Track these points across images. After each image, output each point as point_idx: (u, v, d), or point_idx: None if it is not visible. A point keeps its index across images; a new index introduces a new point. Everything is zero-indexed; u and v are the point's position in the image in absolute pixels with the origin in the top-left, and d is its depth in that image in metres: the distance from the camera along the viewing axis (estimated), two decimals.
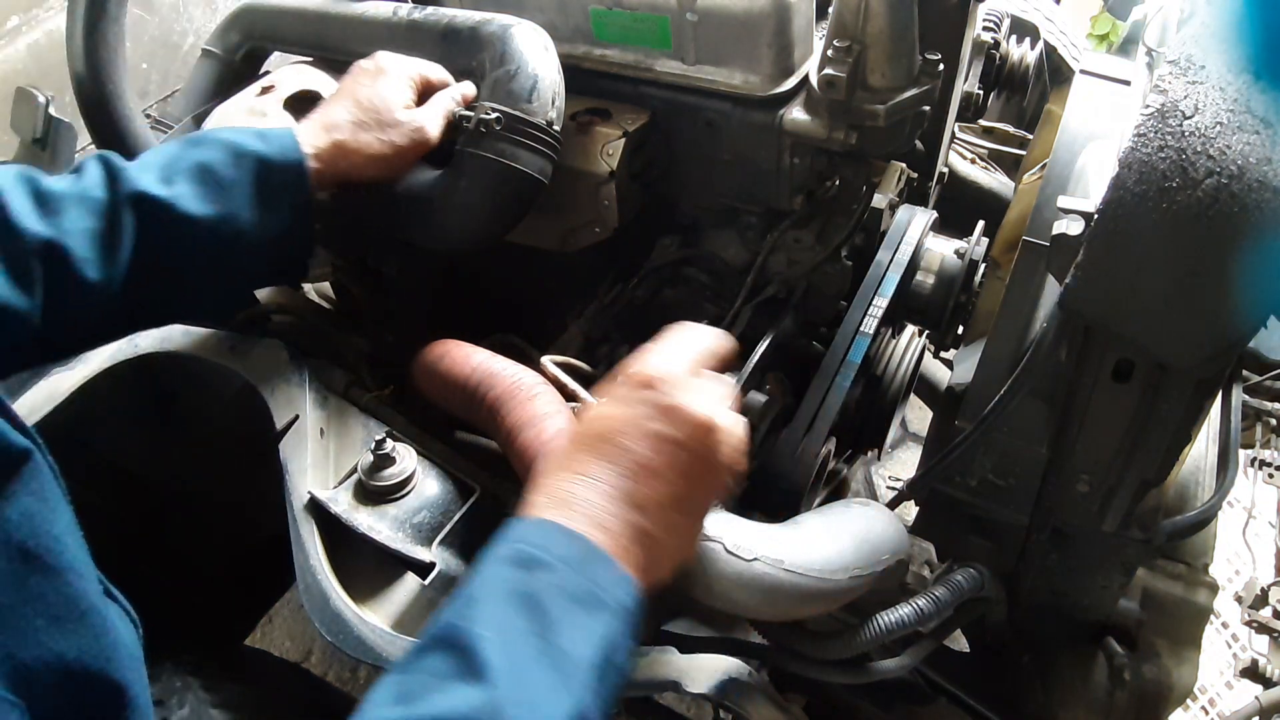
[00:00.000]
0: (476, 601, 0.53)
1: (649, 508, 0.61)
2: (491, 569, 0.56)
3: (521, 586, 0.54)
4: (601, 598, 0.55)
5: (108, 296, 0.78)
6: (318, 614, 0.83)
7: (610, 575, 0.57)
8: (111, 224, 0.79)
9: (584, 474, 0.61)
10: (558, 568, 0.55)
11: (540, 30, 1.02)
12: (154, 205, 0.80)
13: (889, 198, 1.16)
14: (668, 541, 0.62)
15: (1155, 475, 0.78)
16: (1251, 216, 0.57)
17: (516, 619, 0.52)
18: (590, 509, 0.59)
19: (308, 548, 0.86)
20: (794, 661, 0.84)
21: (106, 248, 0.78)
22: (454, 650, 0.50)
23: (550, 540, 0.57)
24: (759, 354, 1.03)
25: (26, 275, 0.74)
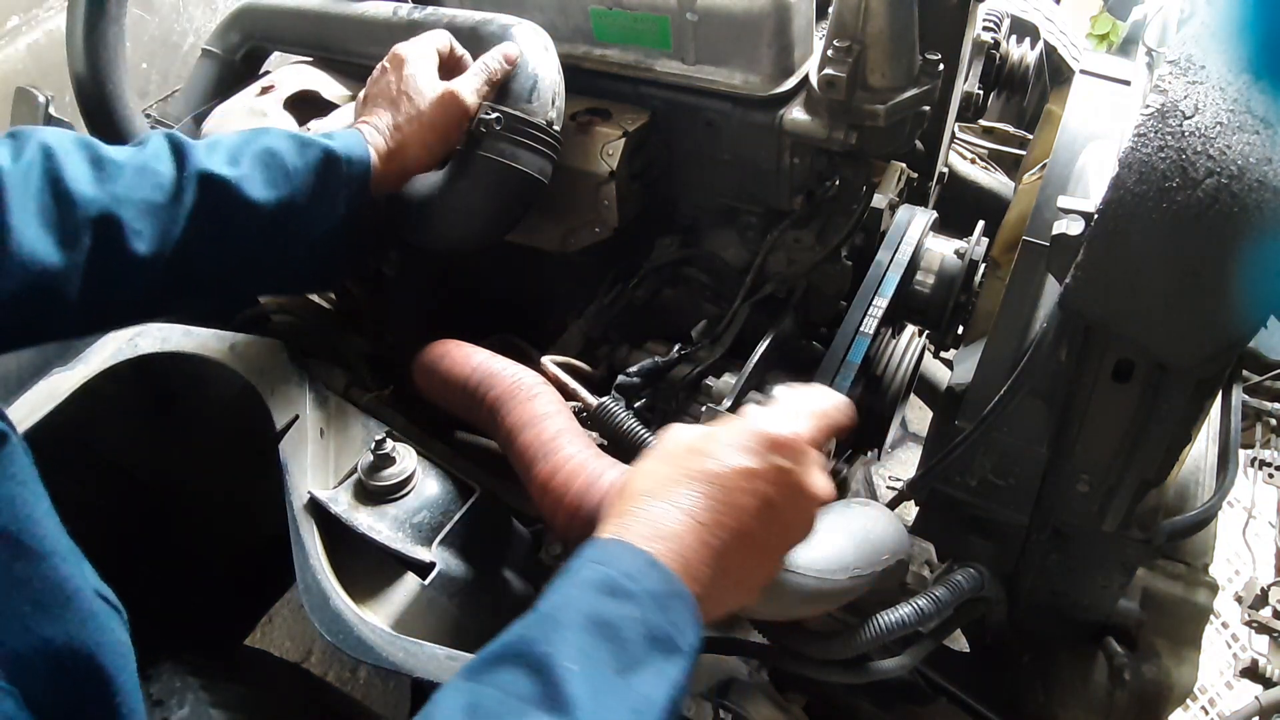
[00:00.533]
0: (560, 625, 0.52)
1: (731, 567, 0.60)
2: (578, 591, 0.54)
3: (605, 615, 0.53)
4: (678, 642, 0.54)
5: (155, 271, 0.78)
6: (318, 614, 0.83)
7: (687, 618, 0.56)
8: (171, 199, 0.78)
9: (685, 509, 0.59)
10: (643, 601, 0.54)
11: (540, 30, 1.02)
12: (219, 185, 0.80)
13: (889, 198, 1.16)
14: (732, 596, 0.62)
15: (1155, 475, 0.78)
16: (1251, 216, 0.57)
17: (599, 651, 0.51)
18: (683, 549, 0.58)
19: (308, 548, 0.86)
20: (794, 661, 0.84)
21: (162, 222, 0.78)
22: (534, 673, 0.49)
23: (639, 571, 0.55)
24: (759, 354, 1.03)
25: (74, 240, 0.73)
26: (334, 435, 0.96)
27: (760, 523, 0.61)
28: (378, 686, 1.95)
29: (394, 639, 0.82)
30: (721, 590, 0.60)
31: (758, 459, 0.62)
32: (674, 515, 0.58)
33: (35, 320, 0.75)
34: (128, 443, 1.10)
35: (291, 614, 2.08)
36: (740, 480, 0.61)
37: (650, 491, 0.60)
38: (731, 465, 0.61)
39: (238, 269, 0.86)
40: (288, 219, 0.84)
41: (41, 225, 0.72)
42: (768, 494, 0.61)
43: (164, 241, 0.78)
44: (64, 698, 0.55)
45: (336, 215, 0.88)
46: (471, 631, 0.90)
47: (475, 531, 0.92)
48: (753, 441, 0.62)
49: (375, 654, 0.81)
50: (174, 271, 0.79)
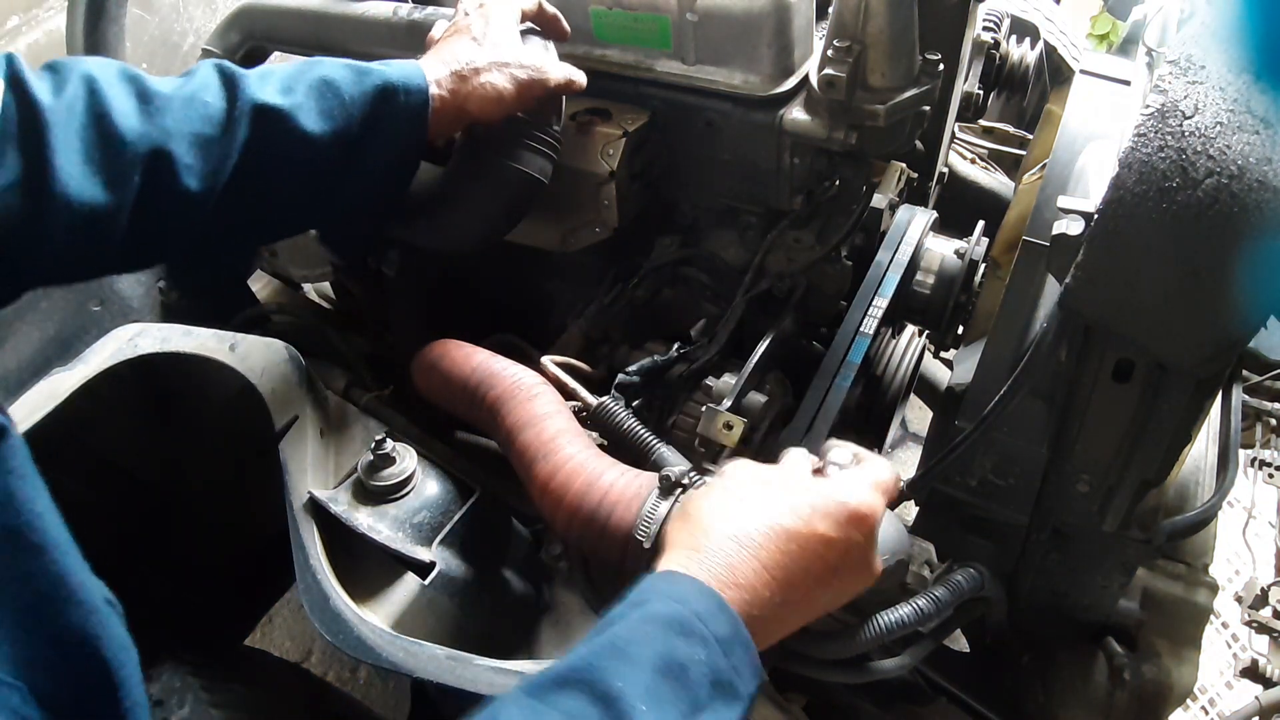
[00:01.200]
0: (630, 660, 0.53)
1: (786, 621, 0.63)
2: (648, 627, 0.55)
3: (675, 656, 0.53)
4: (739, 689, 0.55)
5: (205, 208, 0.76)
6: (318, 614, 0.83)
7: (749, 665, 0.57)
8: (223, 132, 0.76)
9: (765, 566, 0.61)
10: (711, 645, 0.55)
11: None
12: (273, 116, 0.77)
13: (889, 198, 1.16)
14: (775, 639, 0.64)
15: (1155, 475, 0.78)
16: (1251, 216, 0.57)
17: (665, 691, 0.52)
18: (754, 601, 0.59)
19: (308, 548, 0.86)
20: (794, 661, 0.84)
21: (214, 156, 0.75)
22: (602, 704, 0.50)
23: (710, 614, 0.57)
24: (759, 354, 1.03)
25: (122, 179, 0.71)
26: (334, 435, 0.97)
27: (822, 588, 0.64)
28: (378, 686, 1.95)
29: (394, 639, 0.82)
30: (769, 638, 0.62)
31: (840, 530, 0.64)
32: (751, 565, 0.60)
33: (83, 258, 0.74)
34: (128, 443, 1.10)
35: (291, 614, 2.08)
36: (819, 546, 0.63)
37: (729, 533, 0.62)
38: (816, 530, 0.63)
39: (290, 205, 0.83)
40: (343, 151, 0.81)
41: (87, 164, 0.69)
42: (837, 565, 0.64)
43: (216, 176, 0.75)
44: (69, 691, 0.54)
45: (394, 150, 0.85)
46: (471, 631, 0.90)
47: (475, 531, 0.92)
48: (840, 512, 0.65)
49: (375, 654, 0.81)
50: (225, 207, 0.77)
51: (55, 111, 0.69)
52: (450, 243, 1.02)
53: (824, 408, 0.97)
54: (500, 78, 0.89)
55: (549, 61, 0.94)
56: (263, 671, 1.20)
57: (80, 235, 0.70)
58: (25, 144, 0.67)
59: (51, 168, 0.67)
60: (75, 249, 0.71)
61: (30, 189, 0.67)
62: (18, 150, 0.67)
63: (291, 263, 1.23)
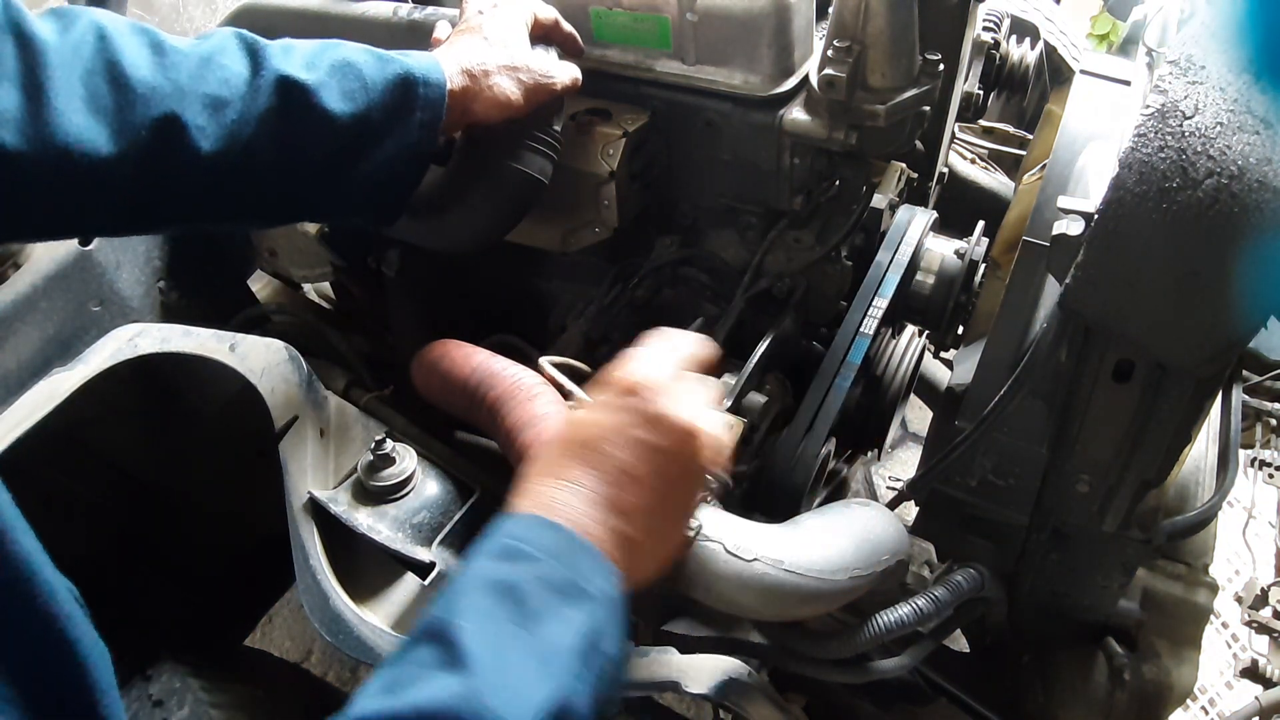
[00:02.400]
0: (460, 594, 0.53)
1: (631, 513, 0.61)
2: (475, 562, 0.56)
3: (503, 577, 0.54)
4: (584, 587, 0.55)
5: (214, 174, 0.74)
6: (318, 614, 0.83)
7: (593, 565, 0.57)
8: (244, 99, 0.74)
9: (567, 479, 0.61)
10: (540, 558, 0.55)
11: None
12: (297, 91, 0.76)
13: (889, 198, 1.16)
14: (649, 545, 0.63)
15: (1155, 475, 0.78)
16: (1251, 216, 0.57)
17: (497, 609, 0.52)
18: (572, 512, 0.59)
19: (308, 548, 0.86)
20: (794, 661, 0.84)
21: (230, 122, 0.74)
22: (437, 641, 0.51)
23: (532, 533, 0.57)
24: (759, 354, 1.03)
25: (127, 126, 0.69)
26: (334, 435, 0.96)
27: (644, 464, 0.62)
28: None
29: (394, 639, 0.82)
30: (631, 542, 0.61)
31: (615, 409, 0.64)
32: (556, 486, 0.61)
33: (76, 210, 0.72)
34: (128, 443, 1.10)
35: (291, 614, 2.08)
36: (605, 433, 0.63)
37: (534, 474, 0.63)
38: (593, 423, 0.64)
39: (302, 184, 0.82)
40: (361, 135, 0.80)
41: (91, 110, 0.67)
42: (636, 436, 0.62)
43: (230, 143, 0.73)
44: (46, 694, 0.54)
45: (409, 139, 0.83)
46: None
47: (475, 531, 0.91)
48: (605, 396, 0.65)
49: (375, 654, 0.81)
50: (235, 178, 0.75)
51: (59, 52, 0.67)
52: (450, 243, 1.02)
53: (824, 408, 0.97)
54: (509, 82, 0.88)
55: (555, 66, 0.94)
56: (263, 671, 1.20)
57: (76, 184, 0.68)
58: (23, 80, 0.65)
59: (50, 108, 0.65)
60: (69, 198, 0.69)
61: (24, 127, 0.64)
62: (16, 87, 0.65)
63: (291, 263, 1.23)
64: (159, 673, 0.98)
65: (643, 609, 0.96)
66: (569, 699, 0.50)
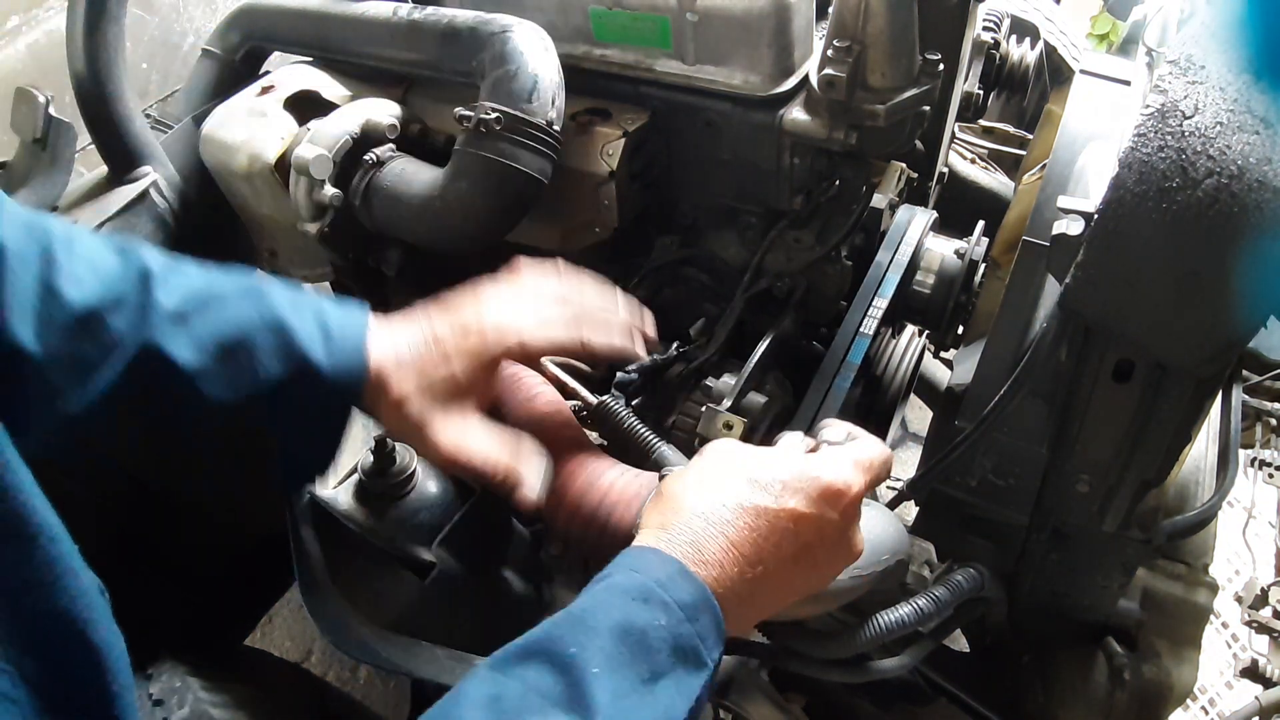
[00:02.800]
0: (589, 628, 0.52)
1: (761, 600, 0.61)
2: (609, 596, 0.55)
3: (637, 623, 0.53)
4: (703, 656, 0.54)
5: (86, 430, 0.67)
6: (318, 614, 0.83)
7: (713, 632, 0.56)
8: (94, 352, 0.64)
9: (733, 542, 0.60)
10: (673, 610, 0.54)
11: (540, 30, 1.02)
12: (165, 365, 0.65)
13: (889, 198, 1.16)
14: (751, 623, 0.64)
15: (1155, 475, 0.78)
16: (1251, 216, 0.57)
17: (625, 658, 0.51)
18: (722, 576, 0.58)
19: (308, 548, 0.86)
20: (794, 661, 0.84)
21: (73, 371, 0.64)
22: (559, 671, 0.50)
23: (671, 580, 0.56)
24: (759, 354, 1.03)
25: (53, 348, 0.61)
26: None
27: (797, 566, 0.62)
28: (378, 686, 1.95)
29: (394, 639, 0.82)
30: (743, 618, 0.61)
31: (812, 506, 0.62)
32: (718, 541, 0.59)
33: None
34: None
35: (291, 614, 2.08)
36: (790, 523, 0.61)
37: (698, 511, 0.61)
38: (786, 506, 0.61)
39: (175, 446, 0.75)
40: (241, 421, 0.70)
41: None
42: (811, 542, 0.62)
43: (80, 393, 0.64)
44: (58, 675, 0.55)
45: (308, 432, 0.73)
46: (472, 631, 0.90)
47: (475, 531, 0.92)
48: (810, 487, 0.63)
49: (375, 654, 0.81)
50: (93, 424, 0.67)
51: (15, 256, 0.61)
52: (450, 243, 1.02)
53: (824, 408, 0.97)
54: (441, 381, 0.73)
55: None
56: (263, 671, 1.20)
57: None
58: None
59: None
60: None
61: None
62: None
63: (291, 263, 1.23)
64: (159, 673, 0.98)
65: None
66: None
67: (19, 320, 0.61)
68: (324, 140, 1.03)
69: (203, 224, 1.18)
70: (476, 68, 1.01)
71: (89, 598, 0.57)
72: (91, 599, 0.58)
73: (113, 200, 1.10)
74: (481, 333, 0.73)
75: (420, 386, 0.71)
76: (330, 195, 1.04)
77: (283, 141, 1.08)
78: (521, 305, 0.78)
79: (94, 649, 0.57)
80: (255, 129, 1.09)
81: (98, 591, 0.60)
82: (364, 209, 1.06)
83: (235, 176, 1.11)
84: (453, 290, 0.81)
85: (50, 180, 1.09)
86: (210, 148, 1.13)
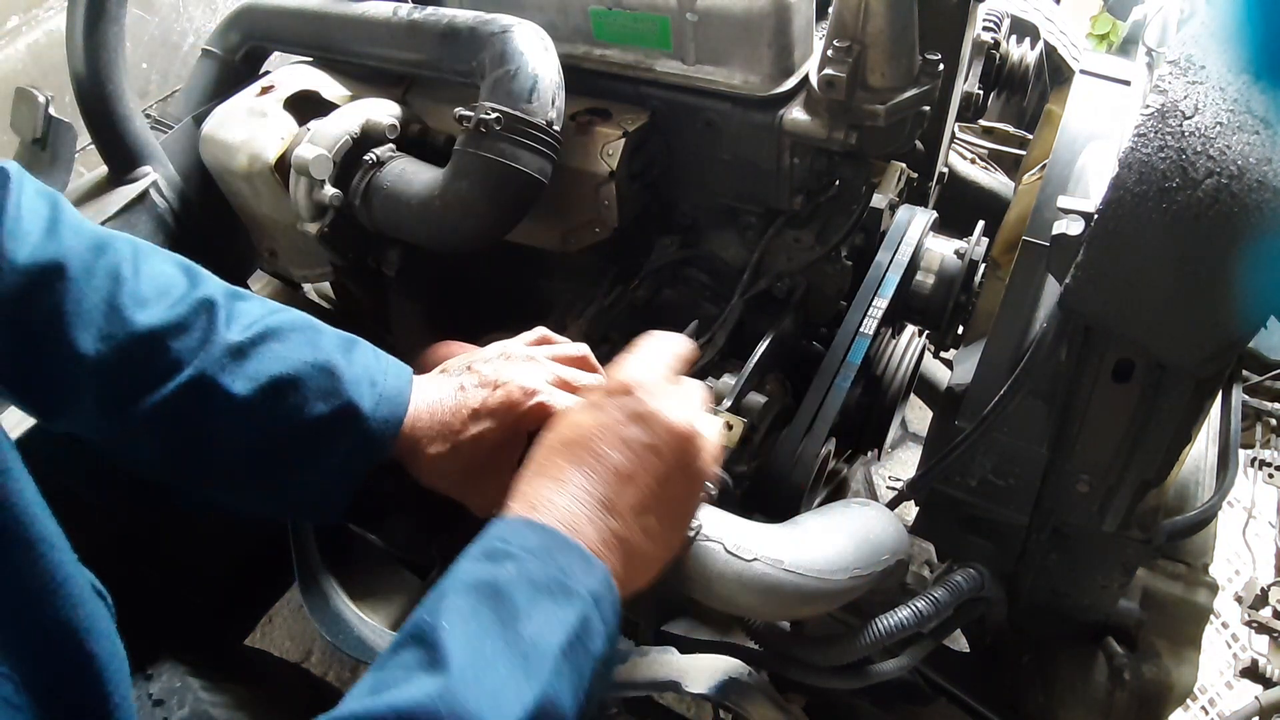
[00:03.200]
0: (443, 595, 0.53)
1: (624, 514, 0.61)
2: (460, 565, 0.56)
3: (487, 577, 0.54)
4: (570, 585, 0.54)
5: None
6: (318, 614, 0.83)
7: (581, 563, 0.56)
8: (152, 372, 0.67)
9: (556, 478, 0.61)
10: (523, 558, 0.55)
11: (540, 30, 1.02)
12: (217, 395, 0.68)
13: (889, 198, 1.16)
14: (645, 547, 0.62)
15: (1155, 475, 0.78)
16: (1251, 216, 0.57)
17: (480, 608, 0.52)
18: (560, 512, 0.59)
19: (308, 547, 0.86)
20: (794, 668, 0.84)
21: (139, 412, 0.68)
22: (419, 644, 0.51)
23: (516, 533, 0.57)
24: (759, 354, 1.03)
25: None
26: None
27: (638, 464, 0.62)
28: None
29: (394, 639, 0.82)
30: (625, 543, 0.60)
31: (608, 409, 0.63)
32: (547, 485, 0.60)
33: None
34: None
35: (291, 614, 2.08)
36: (598, 432, 0.62)
37: (526, 476, 0.62)
38: (585, 423, 0.63)
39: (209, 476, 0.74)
40: (272, 452, 0.71)
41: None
42: (629, 435, 0.62)
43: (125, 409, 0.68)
44: (59, 683, 0.55)
45: (335, 474, 0.73)
46: None
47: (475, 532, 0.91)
48: (598, 396, 0.65)
49: (375, 654, 0.81)
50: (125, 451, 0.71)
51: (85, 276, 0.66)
52: (450, 243, 1.02)
53: (824, 408, 0.97)
54: (463, 462, 0.75)
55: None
56: (263, 671, 1.19)
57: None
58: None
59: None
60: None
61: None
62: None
63: (291, 263, 1.23)
64: (159, 673, 0.98)
65: (642, 609, 0.96)
66: (552, 698, 0.50)
67: (82, 333, 0.65)
68: (324, 140, 1.03)
69: (203, 224, 1.18)
70: (476, 68, 1.01)
71: (90, 607, 0.58)
72: (93, 608, 0.58)
73: (113, 200, 1.10)
74: (508, 392, 0.75)
75: (451, 444, 0.74)
76: (330, 195, 1.04)
77: (283, 141, 1.08)
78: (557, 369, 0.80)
79: (94, 659, 0.58)
80: (255, 129, 1.09)
81: (99, 599, 0.60)
82: (364, 209, 1.06)
83: (235, 176, 1.11)
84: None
85: (50, 180, 1.09)
86: (210, 148, 1.13)
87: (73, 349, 0.65)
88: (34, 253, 0.64)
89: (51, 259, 0.65)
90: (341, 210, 1.06)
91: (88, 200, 1.11)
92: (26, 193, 0.67)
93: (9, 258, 0.63)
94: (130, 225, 1.11)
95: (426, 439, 0.73)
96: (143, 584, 1.14)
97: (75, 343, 0.65)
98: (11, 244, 0.63)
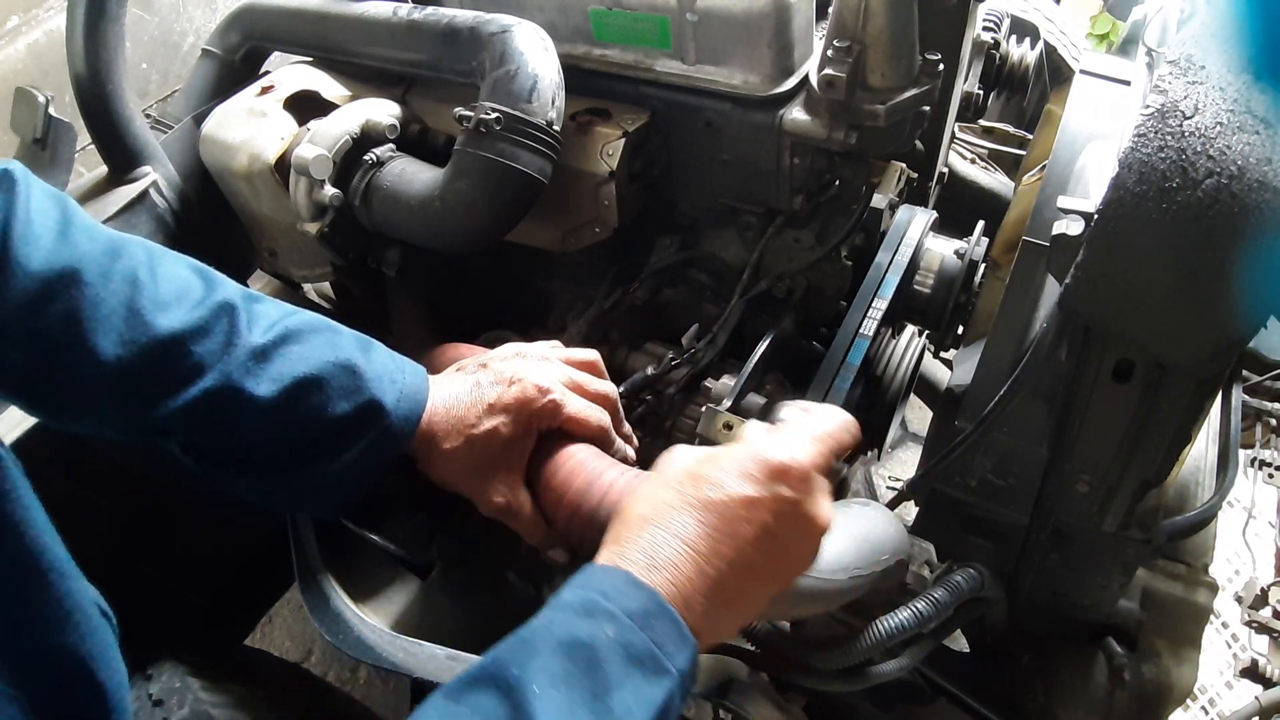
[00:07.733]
0: (534, 648, 0.51)
1: (733, 603, 0.59)
2: (555, 614, 0.54)
3: (584, 637, 0.51)
4: (663, 662, 0.52)
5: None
6: (318, 614, 0.83)
7: (674, 638, 0.54)
8: (174, 375, 0.67)
9: (685, 542, 0.57)
10: (621, 620, 0.52)
11: (540, 30, 1.02)
12: (241, 397, 0.68)
13: (889, 198, 1.16)
14: (734, 622, 0.61)
15: (1155, 475, 0.78)
16: (1251, 216, 0.57)
17: (572, 674, 0.50)
18: (681, 585, 0.56)
19: (308, 548, 0.86)
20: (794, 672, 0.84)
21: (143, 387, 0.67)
22: (504, 695, 0.49)
23: (617, 590, 0.54)
24: (759, 354, 1.03)
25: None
26: None
27: (760, 552, 0.59)
28: (378, 686, 1.95)
29: (394, 639, 0.82)
30: (719, 618, 0.59)
31: (760, 487, 0.60)
32: (672, 544, 0.57)
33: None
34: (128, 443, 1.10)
35: (291, 614, 2.08)
36: (740, 509, 0.59)
37: (648, 517, 0.59)
38: (732, 493, 0.59)
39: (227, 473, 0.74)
40: (294, 449, 0.72)
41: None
42: (768, 523, 0.59)
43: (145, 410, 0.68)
44: (64, 705, 0.56)
45: (354, 471, 0.73)
46: (471, 632, 0.90)
47: (475, 531, 0.92)
48: (756, 469, 0.61)
49: (375, 654, 0.81)
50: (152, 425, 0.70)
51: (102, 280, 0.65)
52: (450, 243, 1.02)
53: None
54: (471, 462, 0.76)
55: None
56: (263, 671, 1.19)
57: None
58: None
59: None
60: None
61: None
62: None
63: (291, 263, 1.23)
64: (159, 673, 0.98)
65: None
66: None
67: (102, 338, 0.64)
68: (324, 140, 1.04)
69: (203, 224, 1.18)
70: (476, 68, 1.01)
71: (97, 635, 0.59)
72: (100, 635, 0.59)
73: (112, 200, 1.10)
74: (523, 388, 0.75)
75: (466, 439, 0.74)
76: (330, 195, 1.04)
77: (283, 141, 1.08)
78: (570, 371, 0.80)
79: (99, 685, 0.58)
80: (255, 129, 1.09)
81: (104, 620, 0.61)
82: (364, 209, 1.06)
83: (235, 176, 1.11)
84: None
85: (50, 180, 1.09)
86: (210, 148, 1.13)
87: (92, 354, 0.64)
88: (48, 258, 0.63)
89: (66, 264, 0.64)
90: (341, 210, 1.06)
91: (88, 200, 1.11)
92: (35, 195, 0.66)
93: (22, 264, 0.62)
94: (130, 225, 1.11)
95: (442, 434, 0.74)
96: (143, 584, 1.14)
97: (95, 348, 0.64)
98: (24, 249, 0.62)
